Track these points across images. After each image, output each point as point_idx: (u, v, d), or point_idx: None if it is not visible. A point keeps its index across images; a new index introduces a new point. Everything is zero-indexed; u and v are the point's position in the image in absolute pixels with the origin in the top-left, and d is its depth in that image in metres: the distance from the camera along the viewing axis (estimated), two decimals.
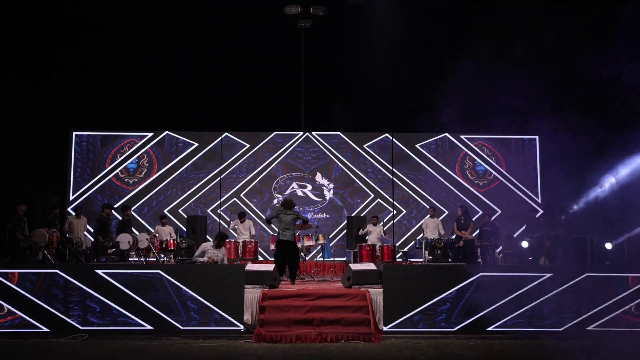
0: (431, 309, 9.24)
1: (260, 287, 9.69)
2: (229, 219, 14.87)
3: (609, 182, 12.33)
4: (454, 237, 13.45)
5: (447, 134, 16.03)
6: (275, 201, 15.66)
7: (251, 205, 15.68)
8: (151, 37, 14.87)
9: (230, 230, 13.78)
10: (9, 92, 13.91)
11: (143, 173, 15.69)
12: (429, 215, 14.04)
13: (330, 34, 15.70)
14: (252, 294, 9.35)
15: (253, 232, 13.73)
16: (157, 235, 13.22)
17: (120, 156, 15.68)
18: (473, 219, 13.80)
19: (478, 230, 13.37)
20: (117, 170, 15.63)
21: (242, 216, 13.78)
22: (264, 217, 14.62)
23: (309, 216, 15.36)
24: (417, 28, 14.29)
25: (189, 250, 11.80)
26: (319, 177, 15.90)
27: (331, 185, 15.86)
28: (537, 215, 14.62)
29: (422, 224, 14.17)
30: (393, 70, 14.98)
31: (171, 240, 12.74)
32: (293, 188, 15.80)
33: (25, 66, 14.53)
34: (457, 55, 11.29)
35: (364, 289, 9.57)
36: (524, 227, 14.31)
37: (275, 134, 16.05)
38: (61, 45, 14.69)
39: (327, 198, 15.84)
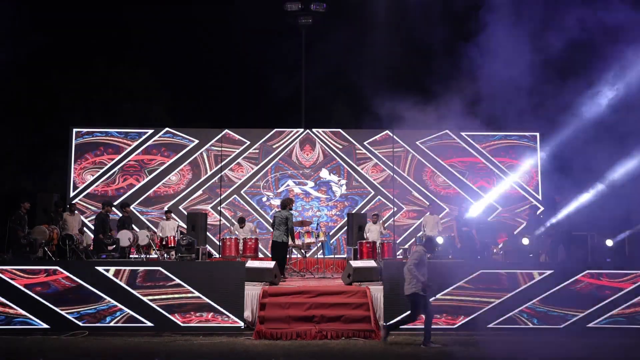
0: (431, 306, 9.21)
1: (260, 284, 9.68)
2: (232, 220, 14.83)
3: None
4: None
5: (447, 131, 15.99)
6: (273, 198, 15.66)
7: (251, 202, 15.65)
8: (151, 35, 14.87)
9: (235, 233, 13.65)
10: (8, 90, 13.90)
11: (143, 170, 15.66)
12: (428, 213, 14.02)
13: (330, 30, 15.68)
14: (253, 291, 9.35)
15: (254, 230, 13.70)
16: (161, 229, 13.12)
17: (120, 153, 15.65)
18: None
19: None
20: (118, 167, 15.61)
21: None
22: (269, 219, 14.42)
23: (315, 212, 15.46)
24: (418, 26, 14.24)
25: (190, 248, 11.77)
26: (325, 174, 15.85)
27: (343, 182, 15.82)
28: (538, 213, 14.58)
29: (421, 221, 14.15)
30: (393, 67, 14.94)
31: (171, 237, 12.72)
32: (288, 185, 15.77)
33: (25, 64, 14.51)
34: (457, 53, 11.25)
35: (364, 286, 9.57)
36: (524, 224, 14.25)
37: (276, 130, 16.02)
38: (61, 42, 14.68)
39: (338, 195, 15.82)
